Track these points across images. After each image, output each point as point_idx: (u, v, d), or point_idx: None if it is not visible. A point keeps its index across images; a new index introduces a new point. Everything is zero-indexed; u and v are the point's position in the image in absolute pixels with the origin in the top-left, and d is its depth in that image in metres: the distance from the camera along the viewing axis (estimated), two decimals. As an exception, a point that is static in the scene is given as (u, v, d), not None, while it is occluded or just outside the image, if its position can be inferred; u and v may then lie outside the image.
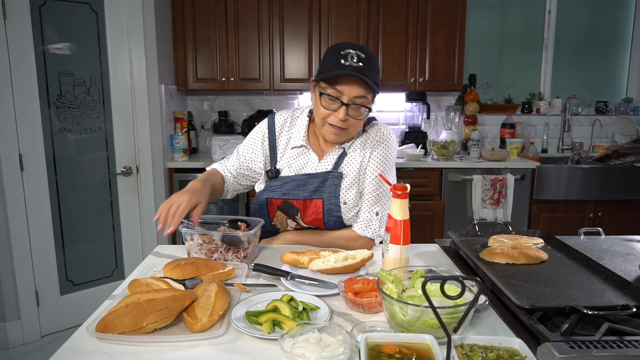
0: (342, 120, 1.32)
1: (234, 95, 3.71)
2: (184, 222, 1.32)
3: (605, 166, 3.17)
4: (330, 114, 1.33)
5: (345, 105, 1.30)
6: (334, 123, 1.34)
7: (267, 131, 1.52)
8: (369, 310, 1.01)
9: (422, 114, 3.60)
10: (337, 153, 1.46)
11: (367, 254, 1.23)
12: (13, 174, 2.45)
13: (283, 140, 1.51)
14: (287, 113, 1.54)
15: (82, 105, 2.68)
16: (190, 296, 0.96)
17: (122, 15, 2.74)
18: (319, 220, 1.47)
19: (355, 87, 1.28)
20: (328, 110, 1.33)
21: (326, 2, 3.22)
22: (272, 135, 1.51)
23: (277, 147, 1.51)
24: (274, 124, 1.52)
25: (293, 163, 1.49)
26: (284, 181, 1.47)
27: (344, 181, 1.45)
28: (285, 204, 1.47)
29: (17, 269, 2.52)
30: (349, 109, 1.31)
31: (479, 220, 3.14)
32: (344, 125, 1.34)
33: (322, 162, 1.47)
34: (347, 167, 1.46)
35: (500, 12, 3.73)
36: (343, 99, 1.30)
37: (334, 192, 1.44)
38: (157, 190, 3.01)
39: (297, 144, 1.48)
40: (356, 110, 1.33)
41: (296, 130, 1.50)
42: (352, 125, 1.36)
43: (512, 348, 0.81)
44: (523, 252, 1.21)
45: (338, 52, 1.29)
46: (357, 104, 1.31)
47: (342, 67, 1.27)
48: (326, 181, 1.44)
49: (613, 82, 3.85)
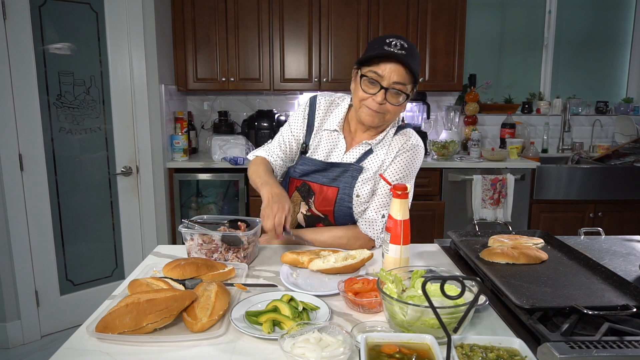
0: (379, 104, 1.34)
1: (234, 95, 3.71)
2: (184, 222, 1.32)
3: (606, 166, 3.17)
4: (369, 97, 1.35)
5: (384, 89, 1.32)
6: (370, 106, 1.36)
7: (308, 108, 1.55)
8: (369, 310, 1.01)
9: (422, 114, 3.60)
10: (363, 148, 1.48)
11: (367, 254, 1.23)
12: (13, 174, 2.45)
13: (319, 118, 1.53)
14: (331, 97, 1.56)
15: (82, 105, 2.68)
16: (190, 296, 0.96)
17: (122, 15, 2.74)
18: (330, 209, 1.48)
19: (396, 72, 1.30)
20: (367, 93, 1.35)
21: (326, 2, 3.22)
22: (312, 112, 1.54)
23: (314, 123, 1.53)
24: (315, 102, 1.55)
25: (322, 145, 1.51)
26: (308, 164, 1.51)
27: (362, 175, 1.47)
28: (303, 186, 1.51)
29: (17, 269, 2.52)
30: (387, 93, 1.33)
31: (479, 220, 3.14)
32: (380, 109, 1.35)
33: (348, 154, 1.49)
34: (369, 163, 1.48)
35: (500, 12, 3.72)
36: (383, 82, 1.32)
37: (350, 183, 1.46)
38: (157, 190, 3.01)
39: (332, 127, 1.50)
40: (394, 96, 1.34)
41: (334, 114, 1.52)
42: (388, 111, 1.37)
43: (512, 348, 0.81)
44: (523, 252, 1.21)
45: (383, 40, 1.32)
46: (396, 90, 1.33)
47: (385, 50, 1.30)
48: (346, 172, 1.47)
49: (613, 82, 3.85)
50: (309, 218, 1.54)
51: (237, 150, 3.14)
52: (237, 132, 3.59)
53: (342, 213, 1.48)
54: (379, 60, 1.31)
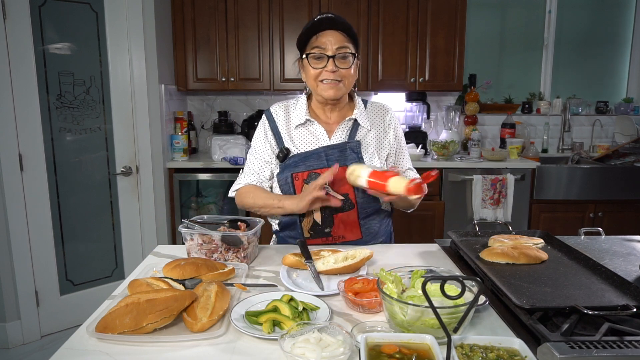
0: (332, 72, 1.39)
1: (234, 95, 3.71)
2: (184, 222, 1.32)
3: (606, 166, 3.17)
4: (321, 72, 1.40)
5: (331, 57, 1.37)
6: (326, 78, 1.40)
7: (267, 122, 1.55)
8: (369, 310, 1.01)
9: (422, 114, 3.60)
10: (347, 125, 1.50)
11: (367, 254, 1.23)
12: (13, 174, 2.45)
13: (282, 123, 1.53)
14: (283, 103, 1.58)
15: (82, 105, 2.68)
16: (190, 296, 0.96)
17: (122, 15, 2.74)
18: (349, 186, 1.44)
19: (333, 37, 1.37)
20: (317, 69, 1.39)
21: (326, 2, 3.22)
22: (273, 123, 1.54)
23: (279, 131, 1.52)
24: (270, 113, 1.56)
25: (302, 141, 1.50)
26: (305, 155, 1.48)
27: (367, 150, 1.49)
28: (312, 176, 1.47)
29: (17, 269, 2.52)
30: (335, 60, 1.38)
31: (479, 220, 3.13)
32: (336, 77, 1.40)
33: (335, 137, 1.49)
34: (364, 136, 1.50)
35: (500, 12, 3.72)
36: (327, 52, 1.38)
37: (356, 158, 1.46)
38: (157, 190, 3.01)
39: (301, 121, 1.50)
40: (343, 61, 1.39)
41: (296, 111, 1.53)
42: (344, 76, 1.42)
43: (512, 348, 0.81)
44: (523, 252, 1.21)
45: (312, 20, 1.41)
46: (342, 54, 1.38)
47: (315, 23, 1.37)
48: (345, 151, 1.47)
49: (613, 82, 3.85)
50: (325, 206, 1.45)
51: (237, 150, 3.14)
52: (237, 132, 3.59)
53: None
54: (313, 34, 1.38)
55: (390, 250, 1.44)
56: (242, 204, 1.55)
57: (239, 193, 1.56)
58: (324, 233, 1.48)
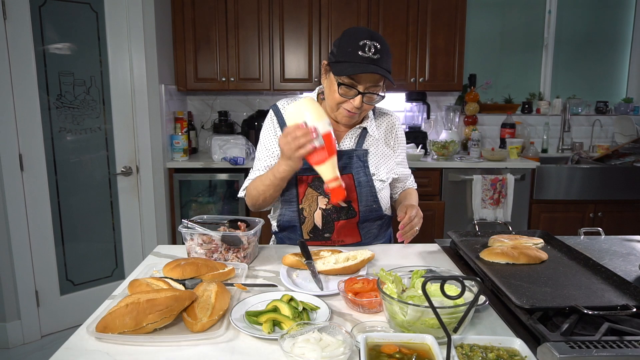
0: (357, 108, 1.38)
1: (234, 95, 3.71)
2: (184, 222, 1.32)
3: (605, 166, 3.17)
4: (346, 101, 1.38)
5: (361, 94, 1.35)
6: (349, 109, 1.39)
7: (275, 117, 1.53)
8: (369, 310, 1.01)
9: (422, 113, 3.60)
10: (356, 132, 1.50)
11: (368, 255, 1.23)
12: (13, 174, 2.45)
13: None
14: (292, 99, 1.55)
15: (82, 105, 2.68)
16: (190, 296, 0.96)
17: (122, 15, 2.74)
18: (352, 195, 1.45)
19: (371, 78, 1.34)
20: (344, 97, 1.37)
21: (326, 2, 3.22)
22: (281, 119, 1.51)
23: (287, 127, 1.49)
24: (278, 108, 1.53)
25: None
26: None
27: (372, 158, 1.50)
28: (316, 180, 1.45)
29: (17, 269, 2.52)
30: (364, 96, 1.36)
31: (479, 220, 3.14)
32: (358, 111, 1.40)
33: (343, 143, 1.49)
34: (372, 145, 1.51)
35: (500, 12, 3.72)
36: (359, 88, 1.35)
37: (362, 166, 1.47)
38: (157, 190, 3.01)
39: None
40: (370, 98, 1.38)
41: None
42: (365, 110, 1.43)
43: (512, 348, 0.81)
44: (523, 252, 1.21)
45: (356, 42, 1.31)
46: (372, 92, 1.37)
47: (359, 59, 1.30)
48: (352, 158, 1.47)
49: (613, 82, 3.85)
50: (327, 212, 1.47)
51: (237, 150, 3.14)
52: (237, 132, 3.59)
53: (365, 194, 1.46)
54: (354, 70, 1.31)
55: (390, 250, 1.44)
56: (252, 202, 1.49)
57: (247, 193, 1.52)
58: (324, 237, 1.49)
